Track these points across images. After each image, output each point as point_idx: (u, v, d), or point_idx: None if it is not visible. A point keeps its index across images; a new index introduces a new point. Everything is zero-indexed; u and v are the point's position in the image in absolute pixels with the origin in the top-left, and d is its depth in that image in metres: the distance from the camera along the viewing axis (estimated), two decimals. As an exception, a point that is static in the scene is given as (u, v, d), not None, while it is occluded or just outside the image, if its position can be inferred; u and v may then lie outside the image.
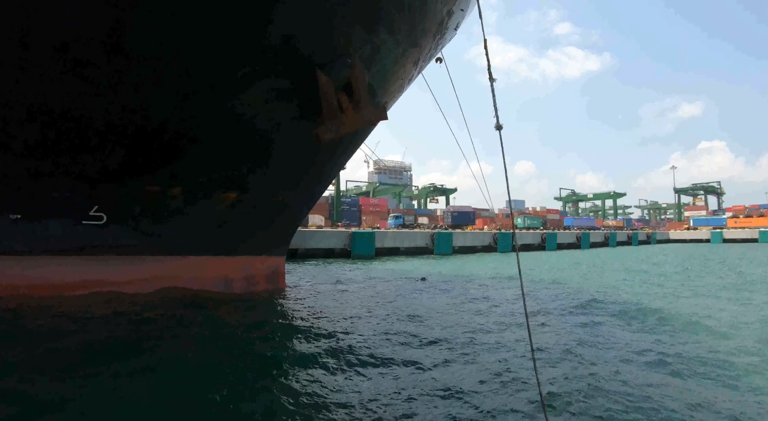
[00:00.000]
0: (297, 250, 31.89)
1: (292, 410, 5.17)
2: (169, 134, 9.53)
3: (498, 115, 5.00)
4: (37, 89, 7.87)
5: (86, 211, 10.45)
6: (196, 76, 8.40)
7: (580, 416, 4.94)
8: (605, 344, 8.39)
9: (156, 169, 10.22)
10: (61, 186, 9.88)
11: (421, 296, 14.64)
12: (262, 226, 13.13)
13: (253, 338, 8.59)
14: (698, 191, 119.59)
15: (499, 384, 6.06)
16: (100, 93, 8.16)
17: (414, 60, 11.39)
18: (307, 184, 13.44)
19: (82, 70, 7.67)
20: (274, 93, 9.39)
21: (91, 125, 8.81)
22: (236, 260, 13.23)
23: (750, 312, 12.07)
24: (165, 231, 11.52)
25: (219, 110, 9.27)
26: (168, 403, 5.31)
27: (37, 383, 5.77)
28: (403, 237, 42.67)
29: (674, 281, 20.67)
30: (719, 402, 5.55)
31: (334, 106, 9.05)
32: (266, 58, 8.53)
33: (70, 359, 6.80)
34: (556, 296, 14.84)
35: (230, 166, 10.97)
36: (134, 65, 7.85)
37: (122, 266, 11.27)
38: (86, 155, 9.41)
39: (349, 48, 9.01)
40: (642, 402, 5.40)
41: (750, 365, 7.13)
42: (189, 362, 6.89)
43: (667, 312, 11.89)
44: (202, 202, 11.38)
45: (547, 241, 58.66)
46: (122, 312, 9.85)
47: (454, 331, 9.35)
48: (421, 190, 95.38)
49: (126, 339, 7.98)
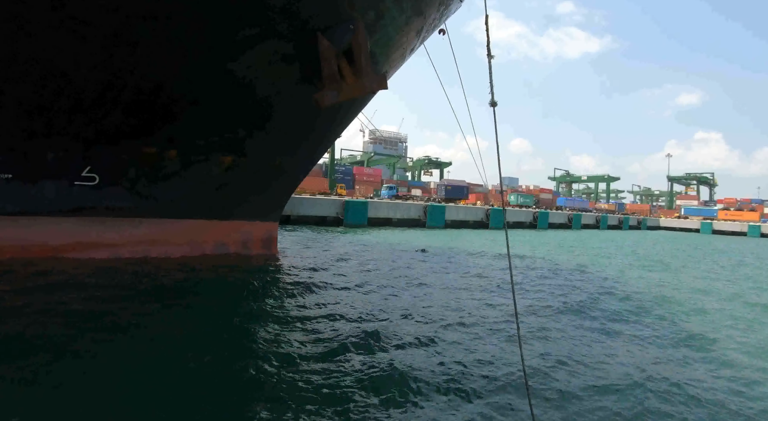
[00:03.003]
0: (290, 216, 31.99)
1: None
2: (167, 96, 9.42)
3: (493, 92, 5.02)
4: (32, 47, 7.72)
5: (81, 172, 10.32)
6: (196, 38, 8.27)
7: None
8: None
9: (153, 131, 10.13)
10: (56, 147, 9.73)
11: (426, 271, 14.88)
12: (258, 191, 13.16)
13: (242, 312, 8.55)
14: (691, 181, 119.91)
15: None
16: (96, 52, 8.03)
17: (417, 29, 11.24)
18: (304, 149, 13.41)
19: (77, 27, 7.52)
20: (275, 56, 9.28)
21: (87, 85, 8.68)
22: (231, 225, 13.30)
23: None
24: (161, 194, 11.49)
25: (219, 72, 9.16)
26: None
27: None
28: (396, 208, 42.82)
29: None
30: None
31: (334, 71, 8.98)
32: (267, 20, 8.40)
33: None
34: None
35: (228, 129, 10.90)
36: (133, 24, 7.71)
37: (117, 228, 11.29)
38: (82, 115, 9.27)
39: (353, 13, 8.88)
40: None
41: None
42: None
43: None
44: (199, 165, 11.34)
45: (538, 219, 59.21)
46: (115, 275, 9.92)
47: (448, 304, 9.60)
48: (416, 162, 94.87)
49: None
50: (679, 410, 5.12)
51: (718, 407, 5.30)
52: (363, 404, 4.72)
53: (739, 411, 5.25)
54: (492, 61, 4.80)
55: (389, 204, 43.37)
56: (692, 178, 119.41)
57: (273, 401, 4.63)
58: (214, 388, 4.87)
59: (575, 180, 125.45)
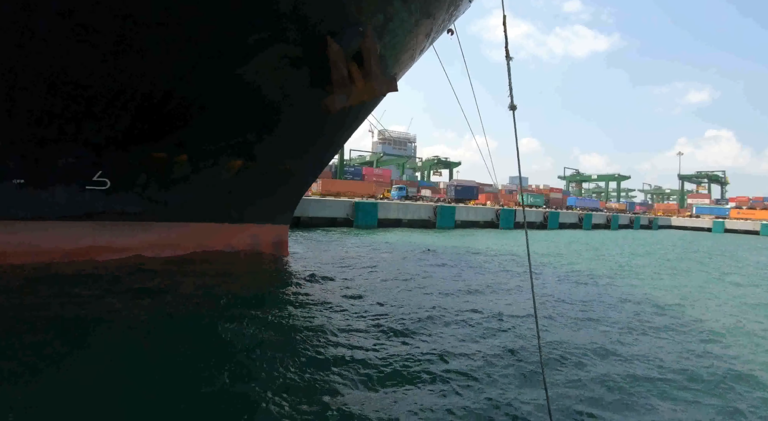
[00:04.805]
0: (299, 218, 32.01)
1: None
2: (176, 101, 9.42)
3: (512, 94, 4.91)
4: (42, 55, 7.75)
5: (92, 177, 10.39)
6: (205, 43, 8.25)
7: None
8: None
9: (163, 136, 10.16)
10: (68, 152, 9.78)
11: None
12: (268, 194, 13.16)
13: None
14: (702, 179, 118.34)
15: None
16: (105, 59, 8.05)
17: (426, 31, 11.13)
18: (313, 153, 13.39)
19: (87, 35, 7.54)
20: (284, 61, 9.23)
21: (97, 92, 8.70)
22: (241, 228, 13.33)
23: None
24: (171, 198, 11.54)
25: (228, 77, 9.14)
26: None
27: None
28: (406, 209, 42.70)
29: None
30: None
31: (344, 75, 8.91)
32: (277, 25, 8.36)
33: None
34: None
35: (238, 134, 10.90)
36: (142, 30, 7.72)
37: (128, 233, 11.34)
38: (92, 122, 9.31)
39: (361, 16, 8.81)
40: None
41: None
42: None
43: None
44: (209, 169, 11.36)
45: (549, 219, 58.73)
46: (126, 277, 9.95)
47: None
48: (425, 162, 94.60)
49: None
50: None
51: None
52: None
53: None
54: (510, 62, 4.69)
55: (399, 205, 43.24)
56: (703, 176, 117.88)
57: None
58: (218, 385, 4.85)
59: (585, 179, 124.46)
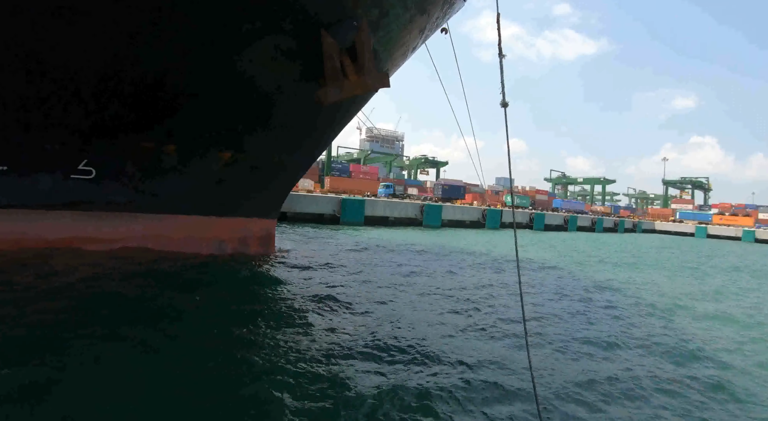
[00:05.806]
0: (286, 213, 31.82)
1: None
2: (167, 89, 9.27)
3: (504, 92, 4.94)
4: (27, 36, 7.55)
5: (77, 166, 10.09)
6: (198, 30, 8.14)
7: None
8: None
9: (152, 125, 9.97)
10: (53, 139, 9.51)
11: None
12: (257, 188, 13.03)
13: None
14: (686, 185, 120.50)
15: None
16: (93, 43, 7.88)
17: (420, 27, 11.15)
18: (304, 147, 13.30)
19: (74, 17, 7.38)
20: (277, 52, 9.17)
21: (85, 77, 8.50)
22: (230, 221, 13.15)
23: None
24: (158, 189, 11.31)
25: (220, 66, 9.03)
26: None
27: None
28: (393, 207, 42.73)
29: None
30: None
31: (337, 68, 8.89)
32: (271, 14, 8.29)
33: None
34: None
35: (228, 125, 10.76)
36: (133, 14, 7.58)
37: (114, 223, 11.09)
38: (79, 108, 9.07)
39: (357, 10, 8.78)
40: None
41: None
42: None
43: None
44: (198, 160, 11.18)
45: (534, 221, 59.22)
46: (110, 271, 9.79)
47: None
48: (413, 160, 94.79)
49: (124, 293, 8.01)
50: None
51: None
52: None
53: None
54: (503, 60, 4.71)
55: (386, 203, 43.24)
56: (687, 182, 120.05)
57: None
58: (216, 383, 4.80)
59: (571, 182, 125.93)
